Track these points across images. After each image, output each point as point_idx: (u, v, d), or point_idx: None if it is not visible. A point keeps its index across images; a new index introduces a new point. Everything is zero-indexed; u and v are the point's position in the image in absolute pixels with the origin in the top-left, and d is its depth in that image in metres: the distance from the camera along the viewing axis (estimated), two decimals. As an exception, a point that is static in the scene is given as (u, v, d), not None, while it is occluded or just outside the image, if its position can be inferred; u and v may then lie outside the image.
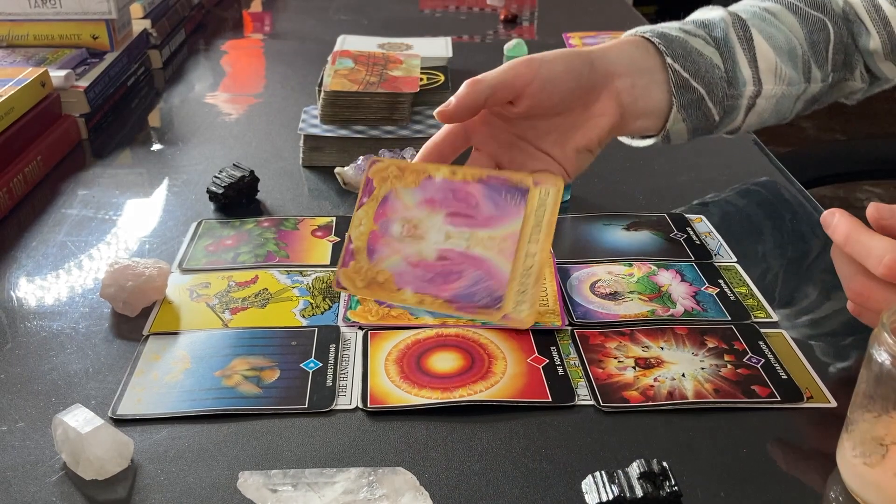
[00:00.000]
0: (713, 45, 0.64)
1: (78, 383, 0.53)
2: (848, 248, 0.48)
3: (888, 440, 0.42)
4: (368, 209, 0.59)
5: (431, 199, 0.58)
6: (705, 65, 0.62)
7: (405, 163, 0.60)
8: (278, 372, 0.53)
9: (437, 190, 0.58)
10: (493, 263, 0.56)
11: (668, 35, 0.62)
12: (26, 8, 0.99)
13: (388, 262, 0.57)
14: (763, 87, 0.64)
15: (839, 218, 0.49)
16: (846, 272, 0.49)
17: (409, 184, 0.59)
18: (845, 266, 0.49)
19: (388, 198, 0.59)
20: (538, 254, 0.55)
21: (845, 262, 0.49)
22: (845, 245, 0.48)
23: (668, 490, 0.42)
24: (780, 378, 0.53)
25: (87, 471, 0.45)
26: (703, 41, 0.63)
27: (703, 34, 0.64)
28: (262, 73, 1.19)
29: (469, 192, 0.58)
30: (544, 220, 0.56)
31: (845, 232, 0.48)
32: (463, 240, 0.57)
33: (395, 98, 0.83)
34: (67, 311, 0.60)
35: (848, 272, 0.49)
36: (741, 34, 0.65)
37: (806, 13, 0.68)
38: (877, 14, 0.67)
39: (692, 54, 0.62)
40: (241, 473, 0.45)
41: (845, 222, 0.48)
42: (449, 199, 0.58)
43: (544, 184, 0.57)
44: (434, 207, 0.57)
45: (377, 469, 0.45)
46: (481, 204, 0.57)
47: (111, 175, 0.83)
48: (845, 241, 0.48)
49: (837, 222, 0.49)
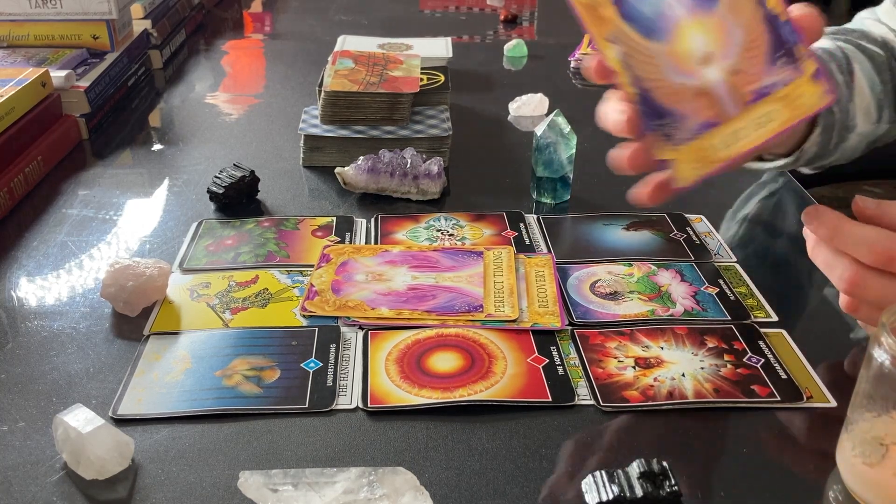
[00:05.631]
0: (841, 72, 0.62)
1: (78, 383, 0.53)
2: (837, 241, 0.48)
3: (888, 440, 0.42)
4: (328, 269, 0.62)
5: (392, 261, 0.63)
6: (841, 91, 0.61)
7: (361, 245, 0.66)
8: (279, 372, 0.53)
9: (395, 256, 0.65)
10: (464, 289, 0.61)
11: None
12: (27, 8, 0.99)
13: (356, 295, 0.59)
14: (858, 123, 0.64)
15: (822, 212, 0.48)
16: (836, 266, 0.49)
17: (366, 254, 0.63)
18: (834, 260, 0.49)
19: (347, 262, 0.63)
20: (505, 280, 0.62)
21: (833, 256, 0.49)
22: (834, 238, 0.48)
23: (668, 490, 0.42)
24: (780, 378, 0.53)
25: (87, 471, 0.45)
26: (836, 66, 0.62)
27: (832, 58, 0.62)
28: (263, 74, 1.19)
29: (427, 255, 0.65)
30: (504, 264, 0.64)
31: (833, 225, 0.48)
32: (430, 278, 0.63)
33: (396, 98, 0.83)
34: (68, 310, 0.60)
35: (838, 266, 0.49)
36: (845, 67, 0.64)
37: (872, 52, 0.67)
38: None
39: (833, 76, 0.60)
40: (242, 473, 0.45)
41: (830, 215, 0.48)
42: (409, 260, 0.64)
43: (496, 248, 0.66)
44: (396, 265, 0.62)
45: (377, 469, 0.45)
46: (441, 261, 0.65)
47: (112, 175, 0.83)
48: (834, 233, 0.48)
49: (822, 216, 0.48)
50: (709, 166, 0.45)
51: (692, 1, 0.44)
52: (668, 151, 0.45)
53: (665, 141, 0.45)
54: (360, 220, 0.72)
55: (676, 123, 0.45)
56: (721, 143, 0.45)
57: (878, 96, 0.66)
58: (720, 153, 0.45)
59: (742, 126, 0.45)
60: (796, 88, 0.44)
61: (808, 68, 0.44)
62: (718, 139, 0.45)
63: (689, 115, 0.45)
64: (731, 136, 0.45)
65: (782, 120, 0.44)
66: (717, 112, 0.44)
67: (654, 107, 0.45)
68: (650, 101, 0.44)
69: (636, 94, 0.44)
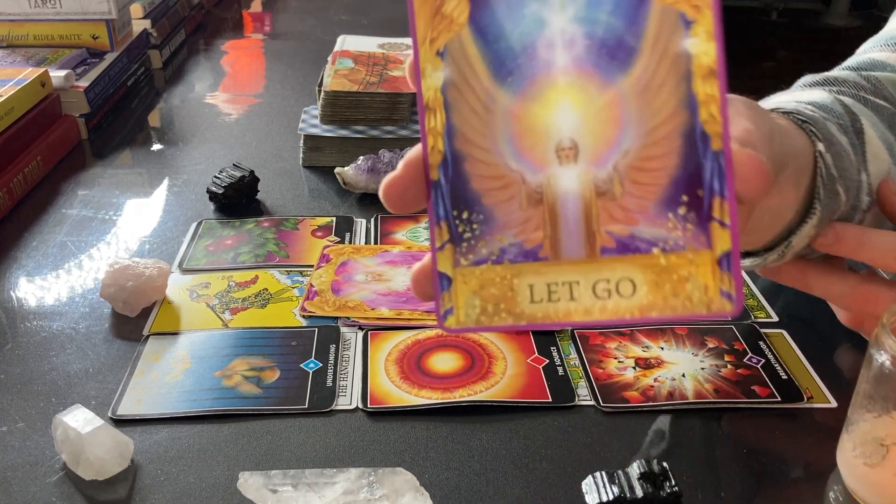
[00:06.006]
0: (844, 132, 0.47)
1: (78, 383, 0.53)
2: (863, 253, 0.45)
3: (889, 440, 0.42)
4: (328, 269, 0.59)
5: (392, 261, 0.61)
6: (849, 164, 0.45)
7: (360, 245, 0.61)
8: (278, 372, 0.53)
9: (395, 256, 0.63)
10: None
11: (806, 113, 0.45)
12: (26, 8, 0.99)
13: (356, 295, 0.58)
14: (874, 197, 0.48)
15: (842, 228, 0.45)
16: (842, 286, 0.47)
17: (365, 254, 0.60)
18: (840, 282, 0.47)
19: (347, 262, 0.60)
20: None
21: (839, 277, 0.47)
22: (859, 249, 0.45)
23: (669, 490, 0.42)
24: (781, 378, 0.53)
25: (87, 471, 0.45)
26: (836, 126, 0.46)
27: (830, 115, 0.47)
28: (262, 74, 1.19)
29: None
30: None
31: (857, 236, 0.45)
32: None
33: (396, 98, 0.83)
34: (67, 311, 0.60)
35: (846, 285, 0.47)
36: (849, 125, 0.48)
37: (877, 104, 0.52)
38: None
39: (840, 152, 0.45)
40: (241, 474, 0.45)
41: (852, 229, 0.45)
42: (409, 260, 0.60)
43: None
44: (396, 265, 0.59)
45: (377, 469, 0.45)
46: None
47: (111, 175, 0.83)
48: (859, 245, 0.45)
49: (842, 232, 0.45)
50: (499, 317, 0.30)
51: (589, 52, 0.28)
52: (448, 264, 0.30)
53: (453, 248, 0.30)
54: (360, 221, 0.72)
55: (481, 228, 0.30)
56: (534, 292, 0.29)
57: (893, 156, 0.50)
58: (523, 307, 0.29)
59: (576, 281, 0.29)
60: (687, 265, 0.28)
61: (718, 244, 0.28)
62: (532, 283, 0.29)
63: (504, 226, 0.30)
64: (552, 289, 0.29)
65: (640, 304, 0.28)
66: (549, 242, 0.29)
67: (459, 188, 0.30)
68: (457, 176, 0.30)
69: (441, 156, 0.30)
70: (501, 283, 0.30)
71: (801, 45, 3.53)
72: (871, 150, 0.48)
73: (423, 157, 0.30)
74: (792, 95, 0.50)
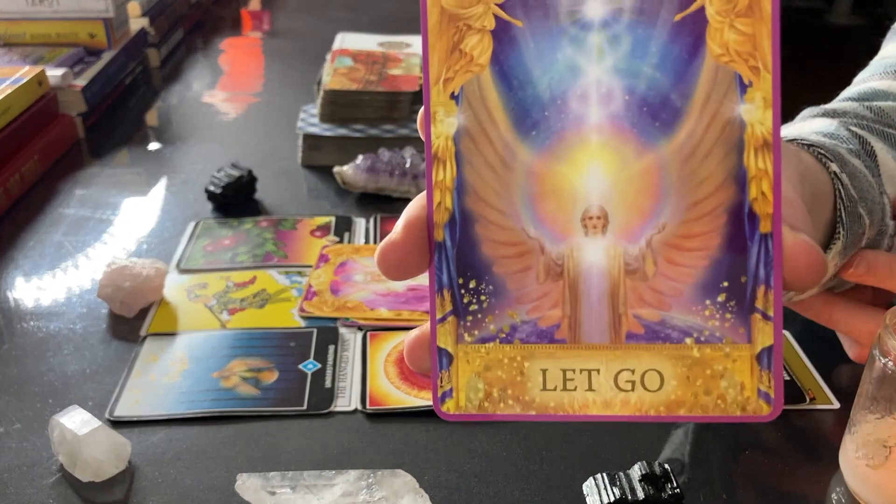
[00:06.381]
0: (857, 156, 0.45)
1: (75, 384, 0.52)
2: (895, 283, 0.44)
3: (891, 442, 0.42)
4: (326, 269, 0.59)
5: None
6: (868, 186, 0.43)
7: (359, 245, 0.60)
8: (277, 373, 0.53)
9: None
10: None
11: (811, 138, 0.43)
12: (23, 6, 0.99)
13: (355, 295, 0.57)
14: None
15: (873, 256, 0.44)
16: (870, 324, 0.47)
17: (365, 254, 0.59)
18: (868, 321, 0.47)
19: (346, 262, 0.60)
20: None
21: (867, 315, 0.47)
22: (891, 278, 0.44)
23: (670, 492, 0.42)
24: (783, 379, 0.52)
25: (84, 472, 0.45)
26: (846, 150, 0.44)
27: (838, 140, 0.45)
28: (261, 72, 1.19)
29: None
30: None
31: (890, 266, 0.44)
32: None
33: (395, 97, 0.83)
34: (64, 311, 0.60)
35: (873, 323, 0.47)
36: (860, 150, 0.46)
37: (884, 132, 0.50)
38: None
39: (855, 172, 0.43)
40: (239, 475, 0.45)
41: (883, 257, 0.44)
42: None
43: None
44: None
45: (376, 471, 0.45)
46: None
47: (108, 174, 0.83)
48: (891, 275, 0.44)
49: (874, 260, 0.44)
50: (505, 404, 0.26)
51: (628, 109, 0.25)
52: (450, 340, 0.27)
53: (457, 321, 0.27)
54: (359, 220, 0.72)
55: (490, 301, 0.27)
56: (547, 378, 0.26)
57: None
58: (534, 394, 0.26)
59: (595, 369, 0.26)
60: (723, 360, 0.25)
61: (759, 338, 0.25)
62: (546, 367, 0.26)
63: (517, 300, 0.26)
64: (569, 376, 0.26)
65: (668, 401, 0.25)
66: (567, 322, 0.26)
67: (467, 253, 0.26)
68: (466, 239, 0.26)
69: (449, 215, 0.27)
70: (510, 365, 0.26)
71: (803, 43, 3.53)
72: (887, 173, 0.46)
73: (428, 214, 0.27)
74: (794, 128, 0.48)
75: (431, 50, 0.26)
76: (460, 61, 0.26)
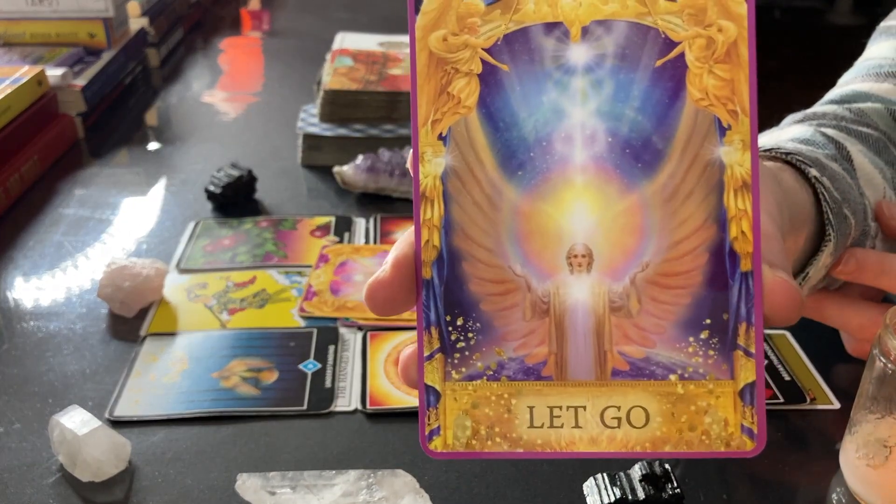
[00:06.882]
0: (834, 160, 0.45)
1: (75, 384, 0.52)
2: (886, 280, 0.45)
3: (892, 442, 0.42)
4: (326, 269, 0.59)
5: None
6: (847, 187, 0.44)
7: (359, 245, 0.60)
8: (277, 373, 0.53)
9: None
10: None
11: (788, 146, 0.44)
12: (23, 6, 0.99)
13: (355, 295, 0.57)
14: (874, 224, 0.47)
15: (862, 254, 0.45)
16: (860, 318, 0.47)
17: (365, 254, 0.59)
18: (858, 314, 0.47)
19: (346, 262, 0.60)
20: None
21: (857, 309, 0.47)
22: (881, 276, 0.45)
23: (671, 492, 0.42)
24: (783, 379, 0.52)
25: (84, 473, 0.45)
26: (823, 155, 0.45)
27: (814, 146, 0.46)
28: (261, 72, 1.19)
29: None
30: None
31: (878, 263, 0.44)
32: None
33: (395, 97, 0.83)
34: (64, 311, 0.60)
35: (864, 316, 0.47)
36: (836, 153, 0.47)
37: (861, 132, 0.50)
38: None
39: (835, 175, 0.43)
40: (239, 475, 0.45)
41: (872, 256, 0.45)
42: None
43: None
44: None
45: (376, 471, 0.44)
46: None
47: (108, 174, 0.83)
48: (881, 271, 0.45)
49: (862, 259, 0.45)
50: (492, 442, 0.26)
51: (611, 150, 0.26)
52: (437, 377, 0.27)
53: (444, 358, 0.27)
54: (359, 220, 0.72)
55: (477, 338, 0.27)
56: (534, 415, 0.26)
57: (892, 182, 0.49)
58: (521, 432, 0.26)
59: (582, 406, 0.26)
60: (706, 396, 0.26)
61: (742, 374, 0.26)
62: (533, 405, 0.26)
63: (503, 337, 0.27)
64: (555, 413, 0.26)
65: (653, 437, 0.26)
66: (554, 360, 0.26)
67: (455, 290, 0.27)
68: (454, 277, 0.27)
69: (437, 253, 0.27)
70: (497, 402, 0.27)
71: (804, 43, 3.53)
72: (864, 176, 0.47)
73: (416, 252, 0.27)
74: (772, 136, 0.49)
75: (420, 92, 0.26)
76: (448, 103, 0.26)
